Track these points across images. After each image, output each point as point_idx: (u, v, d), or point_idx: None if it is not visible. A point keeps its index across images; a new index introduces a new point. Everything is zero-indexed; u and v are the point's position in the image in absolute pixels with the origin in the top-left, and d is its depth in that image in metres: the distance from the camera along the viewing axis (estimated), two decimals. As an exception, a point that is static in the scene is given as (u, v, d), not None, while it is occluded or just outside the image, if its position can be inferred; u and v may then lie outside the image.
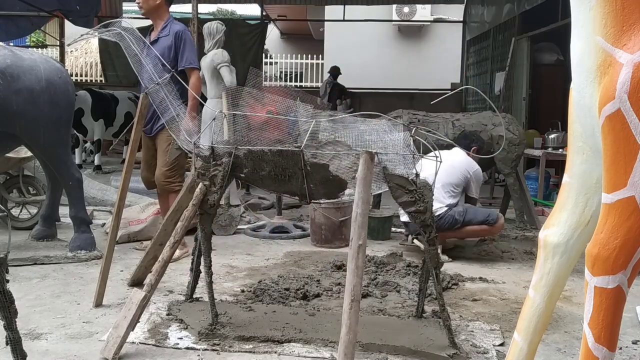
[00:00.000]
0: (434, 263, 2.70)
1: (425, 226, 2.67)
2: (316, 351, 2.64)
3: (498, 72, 9.60)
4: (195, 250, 3.13)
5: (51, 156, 4.18)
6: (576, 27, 1.73)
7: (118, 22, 2.98)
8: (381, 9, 14.10)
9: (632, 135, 1.51)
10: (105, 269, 3.25)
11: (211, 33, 5.68)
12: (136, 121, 3.26)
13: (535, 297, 1.95)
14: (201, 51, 5.74)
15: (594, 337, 1.59)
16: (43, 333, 2.81)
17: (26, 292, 3.38)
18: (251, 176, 2.88)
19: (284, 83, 16.71)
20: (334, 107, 10.42)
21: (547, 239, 1.93)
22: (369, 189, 2.45)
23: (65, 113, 4.18)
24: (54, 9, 9.11)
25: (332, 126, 2.85)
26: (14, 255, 3.93)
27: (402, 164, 2.68)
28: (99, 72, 14.43)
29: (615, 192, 1.55)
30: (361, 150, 2.51)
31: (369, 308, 3.24)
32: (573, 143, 1.87)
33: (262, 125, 2.90)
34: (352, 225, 2.35)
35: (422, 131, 2.86)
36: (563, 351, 2.78)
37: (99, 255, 4.12)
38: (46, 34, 15.83)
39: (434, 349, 2.66)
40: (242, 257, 4.41)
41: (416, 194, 2.65)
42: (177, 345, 2.69)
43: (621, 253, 1.54)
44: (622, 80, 1.53)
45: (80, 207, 4.30)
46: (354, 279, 2.25)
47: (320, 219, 4.82)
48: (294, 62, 17.45)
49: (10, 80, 3.87)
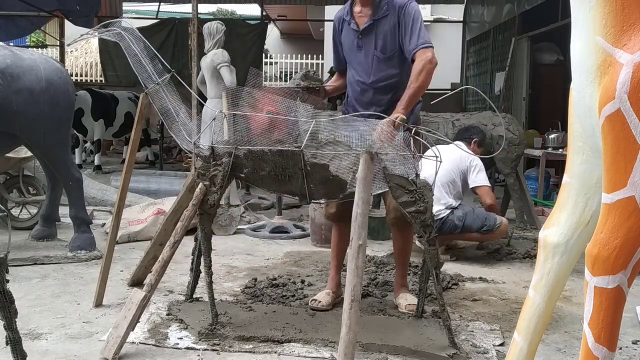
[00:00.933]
0: (434, 263, 2.70)
1: (425, 226, 2.67)
2: (316, 351, 2.64)
3: (498, 72, 9.60)
4: (195, 250, 3.13)
5: (51, 156, 4.18)
6: (576, 27, 1.73)
7: (118, 22, 2.97)
8: (381, 9, 14.10)
9: (632, 135, 1.51)
10: (105, 269, 3.25)
11: (211, 33, 5.69)
12: (136, 121, 3.26)
13: (535, 297, 1.95)
14: (201, 51, 5.74)
15: (594, 337, 1.59)
16: (43, 333, 2.81)
17: (26, 292, 3.38)
18: (251, 176, 2.88)
19: (284, 83, 16.71)
20: (334, 107, 10.40)
21: (547, 239, 1.93)
22: (369, 189, 2.45)
23: (65, 113, 4.18)
24: (54, 9, 9.10)
25: (332, 126, 2.84)
26: (14, 255, 3.93)
27: (402, 164, 2.68)
28: (99, 72, 14.43)
29: (615, 192, 1.55)
30: (361, 150, 2.51)
31: (369, 308, 3.24)
32: (573, 143, 1.87)
33: (263, 129, 2.90)
34: (352, 225, 2.36)
35: (422, 131, 2.86)
36: (563, 351, 2.78)
37: (99, 255, 4.12)
38: (46, 34, 15.83)
39: (434, 349, 2.66)
40: (242, 257, 4.41)
41: (416, 194, 2.65)
42: (177, 345, 2.68)
43: (621, 253, 1.54)
44: (622, 80, 1.53)
45: (80, 207, 4.30)
46: (354, 279, 2.26)
47: (320, 219, 4.81)
48: (294, 62, 17.45)
49: (10, 80, 3.87)
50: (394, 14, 3.02)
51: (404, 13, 3.00)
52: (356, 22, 3.10)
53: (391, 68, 3.06)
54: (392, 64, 3.02)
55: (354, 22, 3.11)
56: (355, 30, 3.10)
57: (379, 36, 3.04)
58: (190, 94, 4.03)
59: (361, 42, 3.09)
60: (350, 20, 3.12)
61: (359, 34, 3.08)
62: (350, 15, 3.13)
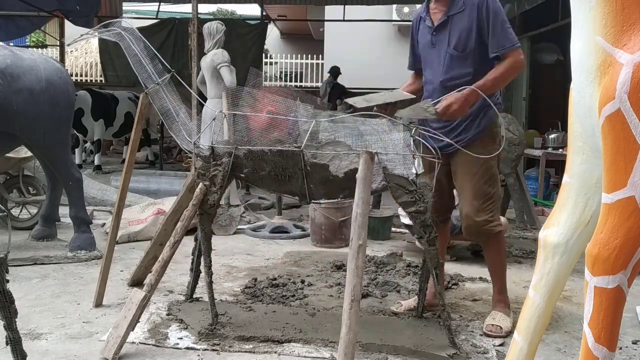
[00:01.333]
0: (434, 263, 2.70)
1: (425, 226, 2.67)
2: (316, 351, 2.64)
3: (498, 72, 9.59)
4: (195, 250, 3.13)
5: (51, 156, 4.18)
6: (576, 27, 1.73)
7: (118, 22, 2.97)
8: (381, 9, 14.09)
9: (632, 135, 1.51)
10: (105, 269, 3.25)
11: (211, 33, 5.69)
12: (136, 121, 3.26)
13: (535, 297, 1.96)
14: (201, 51, 5.74)
15: (594, 337, 1.59)
16: (43, 333, 2.81)
17: (26, 292, 3.38)
18: (251, 176, 2.88)
19: (284, 83, 16.71)
20: (334, 107, 10.41)
21: (547, 239, 1.93)
22: (368, 189, 2.45)
23: (65, 113, 4.18)
24: (54, 9, 9.09)
25: (332, 126, 2.84)
26: (14, 255, 3.93)
27: (402, 164, 2.67)
28: (99, 72, 14.42)
29: (615, 192, 1.55)
30: (361, 150, 2.51)
31: (369, 308, 3.24)
32: (573, 143, 1.87)
33: (263, 129, 2.90)
34: (352, 225, 2.35)
35: (422, 131, 2.86)
36: (563, 351, 2.78)
37: (99, 255, 4.12)
38: (46, 34, 15.82)
39: (434, 349, 2.66)
40: (242, 257, 4.41)
41: (416, 194, 2.66)
42: (177, 345, 2.68)
43: (621, 253, 1.54)
44: (622, 80, 1.53)
45: (80, 207, 4.30)
46: (354, 279, 2.25)
47: (320, 219, 4.82)
48: (294, 62, 17.44)
49: (10, 80, 3.87)
50: (472, 10, 2.87)
51: (485, 9, 2.84)
52: (431, 18, 3.00)
53: (464, 67, 2.91)
54: (466, 63, 2.89)
55: (429, 18, 3.00)
56: (430, 27, 2.99)
57: (453, 32, 2.90)
58: (190, 94, 4.03)
59: (435, 39, 2.97)
60: (426, 16, 3.02)
61: (433, 30, 2.97)
62: (426, 11, 3.03)
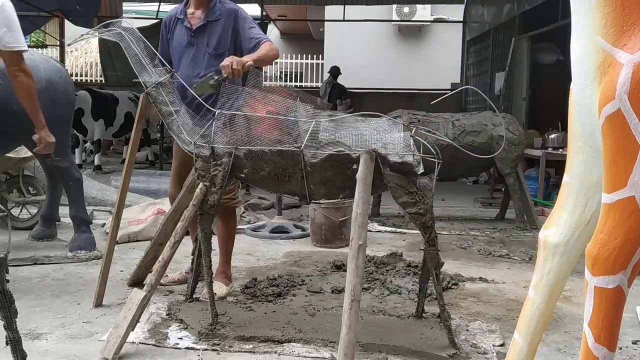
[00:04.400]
0: (434, 263, 2.70)
1: (426, 227, 2.67)
2: (316, 351, 2.64)
3: (498, 72, 9.61)
4: (195, 250, 3.13)
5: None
6: (576, 27, 1.73)
7: (118, 22, 2.97)
8: (381, 9, 14.11)
9: (632, 135, 1.51)
10: (105, 269, 3.25)
11: (211, 33, 5.68)
12: (136, 121, 3.26)
13: (535, 297, 1.96)
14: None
15: (594, 337, 1.59)
16: (43, 333, 2.81)
17: (26, 292, 3.38)
18: (251, 176, 2.88)
19: (284, 83, 16.71)
20: (334, 107, 10.41)
21: (547, 239, 1.93)
22: (368, 189, 2.46)
23: (65, 113, 4.17)
24: (54, 9, 9.10)
25: (332, 126, 2.84)
26: (14, 255, 3.93)
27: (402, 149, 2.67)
28: (99, 72, 14.44)
29: (615, 192, 1.55)
30: (361, 150, 2.51)
31: (369, 308, 3.24)
32: (573, 143, 1.87)
33: (263, 129, 2.90)
34: (352, 225, 2.36)
35: (422, 131, 2.86)
36: (563, 351, 2.78)
37: (99, 255, 4.12)
38: (46, 34, 15.82)
39: (434, 349, 2.66)
40: (242, 257, 4.40)
41: (417, 195, 2.65)
42: (177, 345, 2.68)
43: (621, 253, 1.54)
44: (622, 81, 1.53)
45: (80, 207, 4.30)
46: (354, 279, 2.26)
47: (320, 219, 4.81)
48: (294, 62, 17.45)
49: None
50: (228, 18, 3.40)
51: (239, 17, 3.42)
52: (190, 21, 3.44)
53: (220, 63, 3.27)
54: (221, 60, 3.21)
55: (187, 21, 3.44)
56: (188, 28, 3.41)
57: (212, 36, 3.39)
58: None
59: (194, 40, 3.41)
60: (184, 19, 3.45)
61: (192, 32, 3.40)
62: (184, 14, 3.46)
